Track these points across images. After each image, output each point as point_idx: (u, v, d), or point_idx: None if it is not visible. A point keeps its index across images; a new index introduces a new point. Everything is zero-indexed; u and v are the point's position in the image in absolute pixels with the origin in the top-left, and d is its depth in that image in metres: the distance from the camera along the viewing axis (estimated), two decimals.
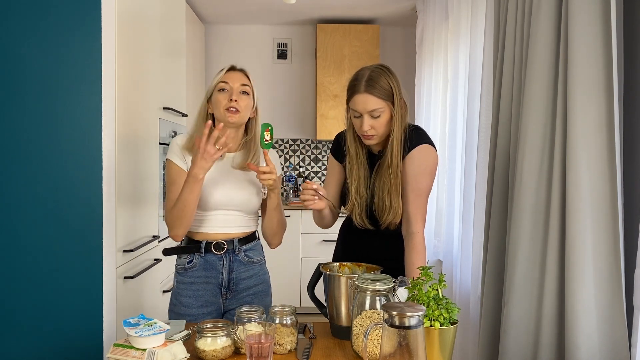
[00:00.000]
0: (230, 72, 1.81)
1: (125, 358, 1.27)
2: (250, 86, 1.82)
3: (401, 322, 1.14)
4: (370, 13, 4.39)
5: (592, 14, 1.40)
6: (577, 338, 1.40)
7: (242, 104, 1.78)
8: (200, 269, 1.81)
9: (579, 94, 1.41)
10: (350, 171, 1.83)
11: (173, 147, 1.81)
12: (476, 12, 2.47)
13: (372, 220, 1.83)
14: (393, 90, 1.71)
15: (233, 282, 1.84)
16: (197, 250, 1.80)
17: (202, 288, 1.81)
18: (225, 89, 1.78)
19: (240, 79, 1.80)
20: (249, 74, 1.84)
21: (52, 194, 1.88)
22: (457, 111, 2.79)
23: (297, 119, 4.89)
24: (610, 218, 1.39)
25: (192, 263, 1.81)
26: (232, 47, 4.81)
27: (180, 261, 1.84)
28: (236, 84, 1.79)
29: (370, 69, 1.73)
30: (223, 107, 1.76)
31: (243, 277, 1.85)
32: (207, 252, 1.80)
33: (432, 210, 3.20)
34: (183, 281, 1.82)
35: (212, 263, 1.81)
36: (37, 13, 1.86)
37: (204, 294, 1.81)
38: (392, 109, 1.71)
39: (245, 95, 1.80)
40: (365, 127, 1.71)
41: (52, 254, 1.89)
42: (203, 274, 1.81)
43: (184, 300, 1.80)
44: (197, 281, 1.81)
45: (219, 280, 1.82)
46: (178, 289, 1.83)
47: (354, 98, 1.72)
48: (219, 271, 1.82)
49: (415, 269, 1.62)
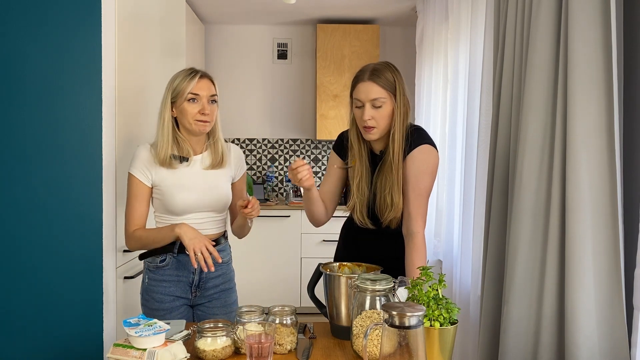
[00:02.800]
0: (200, 80, 1.80)
1: (125, 358, 1.27)
2: (217, 94, 1.85)
3: (401, 322, 1.14)
4: (370, 13, 4.39)
5: (592, 14, 1.40)
6: (577, 338, 1.40)
7: (212, 114, 1.81)
8: (172, 268, 1.86)
9: (579, 94, 1.41)
10: (352, 169, 1.86)
11: (135, 161, 1.82)
12: (476, 12, 2.46)
13: (373, 219, 1.84)
14: (397, 83, 1.75)
15: (202, 281, 1.89)
16: (171, 251, 1.84)
17: (173, 285, 1.86)
18: (196, 99, 1.79)
19: (209, 89, 1.82)
20: (214, 80, 1.86)
21: (52, 194, 1.88)
22: (457, 111, 2.78)
23: (297, 119, 4.89)
24: (610, 218, 1.39)
25: (164, 262, 1.85)
26: (232, 47, 4.81)
27: (152, 259, 1.87)
28: (206, 94, 1.80)
29: (376, 63, 1.79)
30: (193, 117, 1.79)
31: (212, 276, 1.90)
32: (180, 253, 1.84)
33: (432, 210, 3.20)
34: (155, 278, 1.86)
35: (184, 263, 1.85)
36: (37, 13, 1.86)
37: (175, 291, 1.87)
38: (394, 102, 1.74)
39: (214, 104, 1.83)
40: (366, 116, 1.73)
41: (52, 254, 1.89)
42: (175, 272, 1.86)
43: (156, 296, 1.86)
44: (169, 279, 1.86)
45: (190, 279, 1.88)
46: (150, 286, 1.87)
47: (357, 86, 1.77)
48: (190, 271, 1.87)
49: (416, 269, 1.63)
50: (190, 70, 1.82)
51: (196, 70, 1.82)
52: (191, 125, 1.79)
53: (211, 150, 1.89)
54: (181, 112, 1.79)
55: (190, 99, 1.78)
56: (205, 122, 1.80)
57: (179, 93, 1.79)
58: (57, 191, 1.89)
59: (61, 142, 1.89)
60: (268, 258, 4.31)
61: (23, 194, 1.88)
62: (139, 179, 1.80)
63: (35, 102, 1.87)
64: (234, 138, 4.83)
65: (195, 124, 1.79)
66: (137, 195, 1.81)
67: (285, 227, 4.30)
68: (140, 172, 1.81)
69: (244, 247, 3.16)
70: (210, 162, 1.87)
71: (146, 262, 1.89)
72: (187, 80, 1.78)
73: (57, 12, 1.87)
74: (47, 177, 1.88)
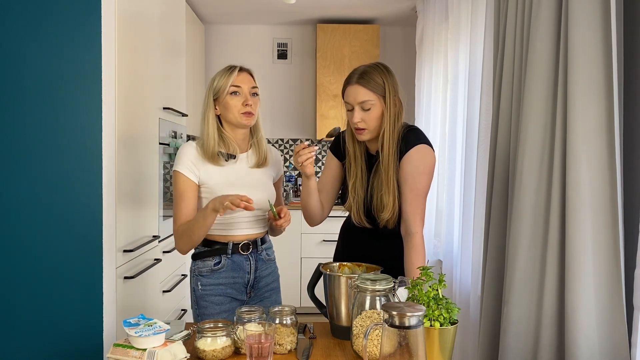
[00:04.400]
0: (240, 74, 1.83)
1: (125, 358, 1.27)
2: (257, 87, 1.86)
3: (401, 322, 1.14)
4: (370, 13, 4.39)
5: (592, 14, 1.40)
6: (577, 338, 1.40)
7: (255, 106, 1.83)
8: (227, 270, 1.84)
9: (579, 94, 1.41)
10: (348, 169, 1.87)
11: (182, 158, 1.80)
12: (476, 12, 2.46)
13: (369, 219, 1.85)
14: (385, 85, 1.75)
15: (257, 281, 1.89)
16: (224, 252, 1.83)
17: (229, 287, 1.85)
18: (238, 92, 1.81)
19: (250, 81, 1.84)
20: (254, 74, 1.87)
21: (52, 194, 1.88)
22: (457, 111, 2.78)
23: (297, 119, 4.89)
24: (610, 218, 1.39)
25: (219, 265, 1.83)
26: (232, 47, 4.81)
27: (204, 264, 1.84)
28: (247, 87, 1.82)
29: (366, 65, 1.79)
30: (238, 111, 1.80)
31: (264, 274, 1.91)
32: (234, 253, 1.83)
33: (432, 210, 3.20)
34: (209, 283, 1.83)
35: (239, 264, 1.85)
36: (37, 13, 1.86)
37: (231, 293, 1.85)
38: (383, 104, 1.75)
39: (255, 97, 1.85)
40: (356, 118, 1.75)
41: (52, 254, 1.89)
42: (230, 274, 1.84)
43: (215, 299, 1.83)
44: (225, 282, 1.84)
45: (246, 280, 1.87)
46: (204, 292, 1.83)
47: (346, 90, 1.79)
48: (246, 271, 1.86)
49: (415, 269, 1.63)
50: (229, 66, 1.84)
51: (234, 65, 1.84)
52: (236, 119, 1.80)
53: (255, 149, 1.89)
54: (225, 107, 1.80)
55: (233, 92, 1.80)
56: (250, 114, 1.80)
57: (221, 89, 1.80)
58: (57, 191, 1.88)
59: (61, 142, 1.89)
60: None
61: (23, 193, 1.88)
62: (186, 176, 1.78)
63: (35, 101, 1.87)
64: None
65: (240, 117, 1.80)
66: (184, 193, 1.78)
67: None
68: (187, 168, 1.79)
69: None
70: (255, 161, 1.88)
71: (197, 269, 1.85)
72: (226, 76, 1.80)
73: (57, 12, 1.86)
74: (47, 177, 1.88)
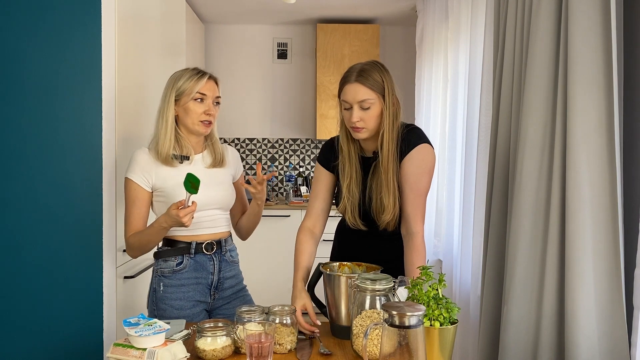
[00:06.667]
0: (209, 82, 1.80)
1: (125, 358, 1.27)
2: (220, 96, 1.85)
3: (401, 322, 1.14)
4: (370, 13, 4.39)
5: (592, 14, 1.39)
6: (577, 338, 1.40)
7: (215, 115, 1.82)
8: (190, 270, 1.81)
9: (579, 94, 1.41)
10: (342, 170, 1.80)
11: (133, 165, 1.77)
12: (476, 12, 2.46)
13: (365, 221, 1.81)
14: (385, 84, 1.70)
15: (220, 282, 1.86)
16: (187, 252, 1.80)
17: (192, 289, 1.81)
18: (202, 99, 1.78)
19: (215, 90, 1.82)
20: (219, 83, 1.86)
21: (52, 194, 1.88)
22: (457, 111, 2.78)
23: (297, 119, 4.89)
24: (610, 218, 1.39)
25: (181, 265, 1.80)
26: (232, 47, 4.81)
27: (166, 264, 1.81)
28: (212, 95, 1.80)
29: (363, 63, 1.74)
30: (197, 117, 1.78)
31: (228, 276, 1.88)
32: (197, 253, 1.81)
33: (432, 210, 3.20)
34: (171, 284, 1.80)
35: (202, 264, 1.82)
36: (37, 13, 1.86)
37: (194, 295, 1.81)
38: (382, 102, 1.70)
39: (217, 106, 1.83)
40: (355, 118, 1.69)
41: (52, 254, 1.89)
42: (193, 275, 1.81)
43: (175, 303, 1.79)
44: (187, 282, 1.81)
45: (209, 281, 1.84)
46: (165, 293, 1.79)
47: (344, 88, 1.72)
48: (209, 271, 1.83)
49: (415, 269, 1.62)
50: (197, 70, 1.81)
51: (204, 71, 1.81)
52: (194, 125, 1.78)
53: (210, 150, 1.88)
54: (185, 110, 1.78)
55: (197, 99, 1.77)
56: (209, 124, 1.80)
57: (185, 91, 1.77)
58: (57, 191, 1.89)
59: (61, 142, 1.89)
60: (268, 258, 4.31)
61: (23, 193, 1.88)
62: (137, 184, 1.76)
63: (36, 101, 1.87)
64: (234, 138, 4.83)
65: (199, 124, 1.78)
66: (136, 201, 1.76)
67: (285, 227, 4.30)
68: (139, 176, 1.76)
69: (244, 246, 3.15)
70: (211, 161, 1.86)
71: (159, 269, 1.82)
72: (194, 80, 1.77)
73: (57, 12, 1.87)
74: (47, 177, 1.88)
